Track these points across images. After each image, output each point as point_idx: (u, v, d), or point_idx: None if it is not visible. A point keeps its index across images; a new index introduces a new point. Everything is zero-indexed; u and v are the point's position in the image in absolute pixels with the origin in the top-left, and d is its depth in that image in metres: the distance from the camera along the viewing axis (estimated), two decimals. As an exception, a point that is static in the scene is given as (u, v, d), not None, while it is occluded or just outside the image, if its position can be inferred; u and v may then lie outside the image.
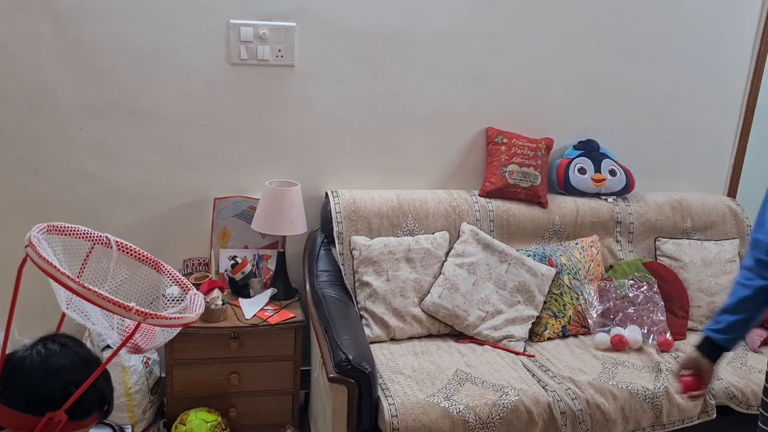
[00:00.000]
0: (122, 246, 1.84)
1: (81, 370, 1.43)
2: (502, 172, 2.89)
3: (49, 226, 1.63)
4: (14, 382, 1.39)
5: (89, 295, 1.38)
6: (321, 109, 2.81)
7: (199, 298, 1.79)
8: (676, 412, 2.34)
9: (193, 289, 1.85)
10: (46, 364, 1.41)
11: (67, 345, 1.46)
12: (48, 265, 1.39)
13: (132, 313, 1.40)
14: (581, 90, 3.03)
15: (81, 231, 1.75)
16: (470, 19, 2.83)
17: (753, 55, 3.17)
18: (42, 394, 1.38)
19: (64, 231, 1.70)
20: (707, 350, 1.82)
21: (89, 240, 1.77)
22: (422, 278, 2.65)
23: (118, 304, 1.39)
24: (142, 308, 1.41)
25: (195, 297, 1.79)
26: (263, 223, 2.65)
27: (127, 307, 1.39)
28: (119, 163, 2.71)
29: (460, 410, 2.15)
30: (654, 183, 3.20)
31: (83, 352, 1.48)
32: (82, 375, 1.42)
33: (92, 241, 1.77)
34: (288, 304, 2.70)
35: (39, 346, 1.43)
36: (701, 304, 2.88)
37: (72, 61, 2.57)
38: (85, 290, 1.37)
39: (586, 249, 2.86)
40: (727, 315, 1.77)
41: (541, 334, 2.68)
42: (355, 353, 2.17)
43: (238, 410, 2.64)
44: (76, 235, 1.74)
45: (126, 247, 1.85)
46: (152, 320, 1.44)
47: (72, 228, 1.72)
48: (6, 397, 1.38)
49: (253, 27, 2.65)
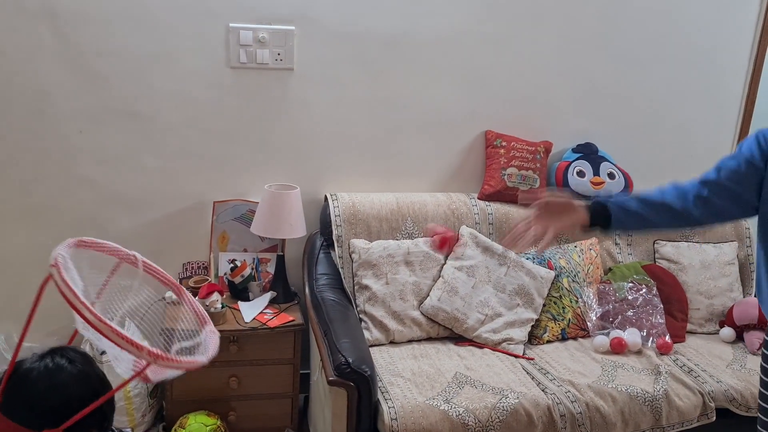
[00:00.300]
0: (148, 267, 1.81)
1: (84, 388, 1.43)
2: (500, 175, 2.89)
3: (78, 240, 1.60)
4: (18, 393, 1.39)
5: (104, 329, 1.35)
6: (320, 112, 2.81)
7: (215, 336, 1.75)
8: (675, 414, 2.34)
9: (209, 324, 1.81)
10: (51, 378, 1.40)
11: (75, 361, 1.45)
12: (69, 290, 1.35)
13: (143, 354, 1.37)
14: (579, 93, 3.04)
15: (110, 247, 1.73)
16: (469, 22, 2.84)
17: (750, 58, 3.18)
18: (42, 409, 1.38)
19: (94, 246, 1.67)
20: (595, 211, 1.73)
21: (117, 256, 1.75)
22: (421, 281, 2.65)
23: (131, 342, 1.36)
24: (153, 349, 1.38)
25: (210, 335, 1.75)
26: (262, 227, 2.65)
27: (139, 347, 1.36)
28: (119, 168, 2.71)
29: (460, 413, 2.14)
30: (653, 186, 3.17)
31: (89, 370, 1.47)
32: (85, 393, 1.41)
33: (120, 258, 1.75)
34: (287, 307, 2.70)
35: (47, 359, 1.43)
36: (700, 307, 2.89)
37: (71, 66, 2.57)
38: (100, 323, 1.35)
39: (585, 252, 2.86)
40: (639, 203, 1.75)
41: (540, 337, 2.68)
42: (354, 356, 2.17)
43: (238, 414, 2.64)
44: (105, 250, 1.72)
45: (152, 268, 1.82)
46: (162, 362, 1.41)
47: (102, 244, 1.70)
48: (7, 407, 1.37)
49: (253, 30, 2.66)
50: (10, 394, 1.38)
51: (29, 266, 2.68)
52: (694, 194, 1.75)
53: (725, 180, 1.74)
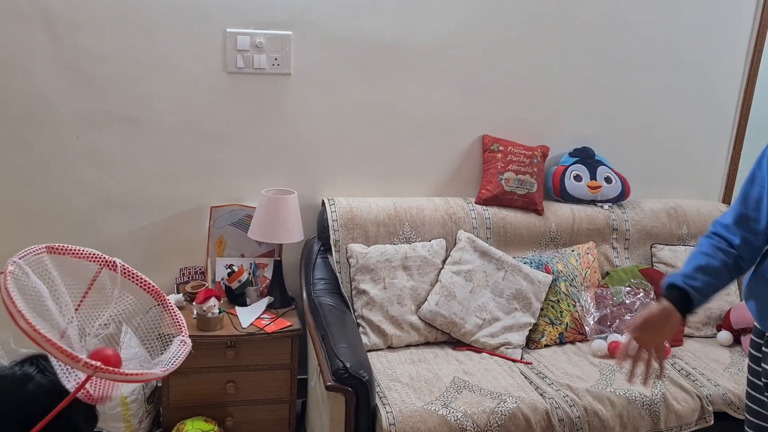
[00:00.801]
0: (127, 272, 1.78)
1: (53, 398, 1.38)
2: (498, 180, 2.89)
3: (48, 246, 1.56)
4: None
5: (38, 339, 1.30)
6: (317, 117, 2.81)
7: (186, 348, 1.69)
8: (673, 418, 2.34)
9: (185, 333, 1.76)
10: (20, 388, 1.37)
11: (45, 370, 1.42)
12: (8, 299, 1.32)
13: (80, 365, 1.31)
14: (576, 98, 3.05)
15: (87, 252, 1.70)
16: (466, 27, 2.85)
17: (746, 63, 3.19)
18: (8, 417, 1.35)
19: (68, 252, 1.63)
20: (681, 304, 1.63)
21: (97, 262, 1.72)
22: (419, 286, 2.65)
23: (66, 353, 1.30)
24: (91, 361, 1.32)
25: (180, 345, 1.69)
26: (260, 232, 2.65)
27: (75, 358, 1.30)
28: (115, 172, 2.71)
29: (458, 418, 2.14)
30: (649, 190, 3.22)
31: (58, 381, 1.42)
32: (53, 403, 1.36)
33: (100, 264, 1.72)
34: (284, 312, 2.69)
35: (16, 368, 1.40)
36: (697, 311, 2.88)
37: (68, 70, 2.57)
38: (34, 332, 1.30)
39: (583, 256, 2.87)
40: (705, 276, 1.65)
41: (538, 341, 2.67)
42: (352, 361, 2.16)
43: (235, 419, 2.63)
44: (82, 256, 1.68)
45: (131, 273, 1.79)
46: (103, 374, 1.34)
47: (77, 250, 1.66)
48: None
49: (250, 36, 2.66)
50: None
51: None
52: (736, 243, 1.70)
53: (753, 212, 1.69)
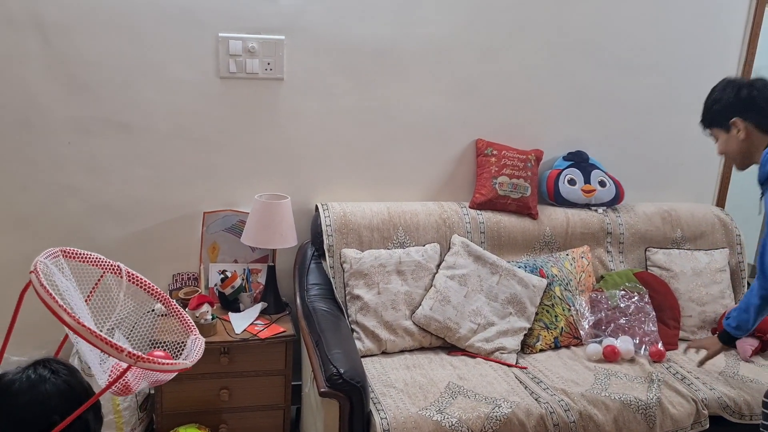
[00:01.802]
0: (132, 276, 1.82)
1: (67, 400, 1.40)
2: (492, 184, 2.89)
3: (62, 250, 1.62)
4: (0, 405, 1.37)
5: (82, 332, 1.36)
6: (310, 122, 2.80)
7: (200, 342, 1.77)
8: (669, 422, 2.33)
9: (195, 332, 1.83)
10: (33, 390, 1.38)
11: (58, 372, 1.43)
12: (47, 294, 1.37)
13: (123, 355, 1.38)
14: (570, 101, 3.05)
15: (93, 258, 1.75)
16: (458, 31, 2.84)
17: (739, 67, 3.20)
18: (24, 421, 1.36)
19: (78, 256, 1.69)
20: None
21: (100, 267, 1.76)
22: (413, 291, 2.64)
23: (110, 344, 1.37)
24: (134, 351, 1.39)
25: (196, 341, 1.77)
26: (253, 237, 2.64)
27: (119, 348, 1.37)
28: (108, 178, 2.70)
29: (453, 423, 2.13)
30: (643, 193, 3.22)
31: (73, 381, 1.45)
32: (68, 405, 1.39)
33: (103, 269, 1.76)
34: (278, 318, 2.68)
35: (30, 371, 1.41)
36: (692, 314, 2.89)
37: (60, 76, 2.56)
38: (79, 326, 1.35)
39: (577, 260, 2.86)
40: None
41: (533, 346, 2.67)
42: (346, 367, 2.15)
43: (229, 426, 2.61)
44: (89, 261, 1.74)
45: (136, 278, 1.84)
46: (143, 364, 1.42)
47: (85, 254, 1.72)
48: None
49: (242, 40, 2.65)
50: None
51: (16, 277, 2.64)
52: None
53: None
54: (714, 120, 2.25)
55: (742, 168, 2.22)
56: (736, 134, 2.17)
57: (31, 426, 1.35)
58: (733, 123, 2.17)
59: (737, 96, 2.17)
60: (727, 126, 2.19)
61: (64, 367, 1.45)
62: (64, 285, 1.61)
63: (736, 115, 2.16)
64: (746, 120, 2.14)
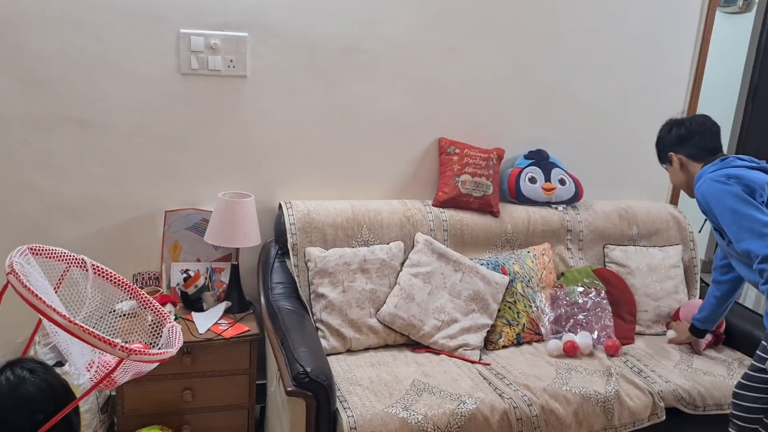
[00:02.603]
0: (98, 269, 1.81)
1: (50, 398, 1.40)
2: (454, 182, 2.92)
3: (30, 247, 1.60)
4: None
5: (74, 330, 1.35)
6: (274, 119, 2.79)
7: (177, 330, 1.77)
8: (627, 414, 2.40)
9: (170, 320, 1.83)
10: (14, 392, 1.37)
11: (36, 371, 1.42)
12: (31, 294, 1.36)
13: (116, 350, 1.38)
14: (531, 101, 3.10)
15: (58, 253, 1.74)
16: (422, 31, 2.86)
17: (692, 69, 3.30)
18: (9, 423, 1.34)
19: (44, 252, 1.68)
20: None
21: (65, 261, 1.74)
22: (378, 289, 2.65)
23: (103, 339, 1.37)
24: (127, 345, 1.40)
25: (173, 330, 1.78)
26: (216, 236, 2.61)
27: (112, 343, 1.37)
28: (66, 176, 2.64)
29: (419, 420, 2.15)
30: (601, 191, 3.29)
31: (52, 380, 1.44)
32: (50, 403, 1.39)
33: (68, 263, 1.74)
34: (242, 317, 2.66)
35: (8, 373, 1.40)
36: (648, 309, 2.97)
37: (14, 70, 2.49)
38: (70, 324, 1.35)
39: (538, 257, 2.91)
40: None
41: (496, 342, 2.71)
42: (312, 366, 2.16)
43: (192, 426, 2.58)
44: (54, 256, 1.73)
45: (102, 270, 1.83)
46: (136, 356, 1.43)
47: (51, 250, 1.70)
48: None
49: (204, 37, 2.62)
50: None
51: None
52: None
53: None
54: (660, 156, 2.58)
55: (691, 195, 2.47)
56: (675, 166, 2.49)
57: (17, 428, 1.33)
58: (670, 157, 2.50)
59: (670, 133, 2.51)
60: (669, 160, 2.52)
61: (40, 366, 1.45)
62: (40, 283, 1.59)
63: (671, 150, 2.50)
64: (678, 153, 2.47)
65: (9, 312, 2.65)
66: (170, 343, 1.76)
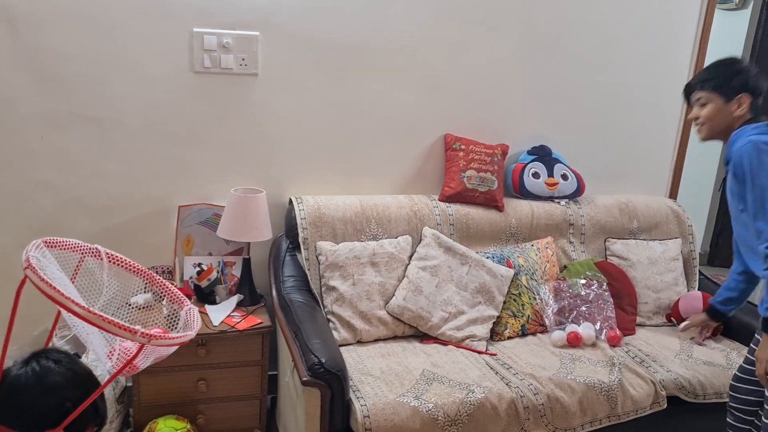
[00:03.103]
0: (112, 257, 1.84)
1: (76, 386, 1.45)
2: (460, 178, 2.98)
3: (44, 240, 1.63)
4: (10, 401, 1.40)
5: (94, 319, 1.39)
6: (284, 116, 2.85)
7: (194, 312, 1.81)
8: (629, 403, 2.48)
9: (187, 303, 1.86)
10: (41, 382, 1.42)
11: (61, 361, 1.47)
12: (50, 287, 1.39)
13: (137, 336, 1.42)
14: (534, 98, 3.16)
15: (72, 244, 1.77)
16: (428, 28, 2.92)
17: (691, 65, 3.37)
18: (38, 413, 1.39)
19: (58, 245, 1.70)
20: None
21: (79, 252, 1.77)
22: (387, 281, 2.72)
23: (123, 327, 1.41)
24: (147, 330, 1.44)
25: (191, 312, 1.82)
26: (229, 230, 2.67)
27: (132, 330, 1.41)
28: (81, 173, 2.69)
29: (430, 409, 2.22)
30: (602, 186, 3.36)
31: (77, 368, 1.49)
32: (77, 391, 1.44)
33: (82, 253, 1.78)
34: (254, 309, 2.73)
35: (33, 364, 1.44)
36: (648, 301, 3.05)
37: (31, 69, 2.54)
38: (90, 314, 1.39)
39: (542, 250, 2.99)
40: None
41: (501, 333, 2.78)
42: (326, 356, 2.22)
43: (206, 416, 2.65)
44: (68, 248, 1.75)
45: (116, 258, 1.85)
46: (157, 341, 1.47)
47: (64, 241, 1.73)
48: (2, 416, 1.38)
49: (217, 36, 2.67)
50: (2, 404, 1.39)
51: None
52: None
53: None
54: (722, 88, 2.22)
55: (708, 138, 2.29)
56: (734, 109, 2.21)
57: (45, 418, 1.38)
58: (739, 98, 2.20)
59: (758, 77, 2.22)
60: (731, 98, 2.21)
61: (64, 355, 1.50)
62: (57, 275, 1.63)
63: (749, 93, 2.20)
64: (752, 102, 2.20)
65: (23, 305, 2.71)
66: (188, 326, 1.79)
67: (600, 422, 2.45)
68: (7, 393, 1.41)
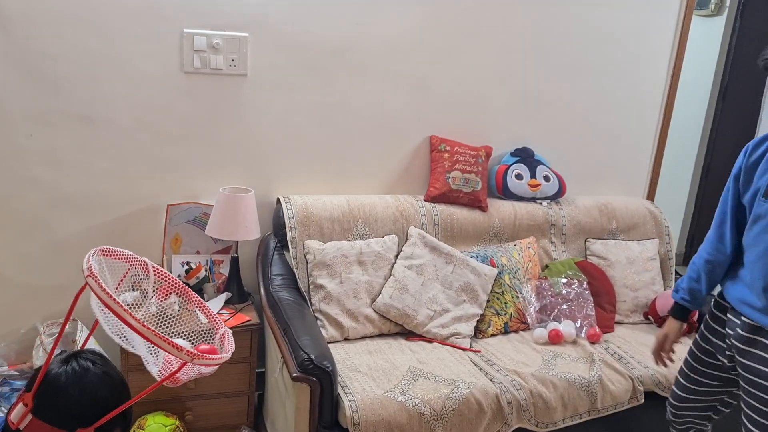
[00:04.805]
0: (158, 272, 1.91)
1: (110, 389, 1.51)
2: (445, 178, 3.05)
3: (101, 249, 1.68)
4: (49, 397, 1.44)
5: (147, 334, 1.45)
6: (273, 117, 2.88)
7: (229, 335, 1.87)
8: (609, 398, 2.56)
9: (222, 324, 1.94)
10: (80, 382, 1.47)
11: (97, 363, 1.52)
12: (110, 298, 1.44)
13: (182, 354, 1.48)
14: (517, 101, 3.23)
15: (125, 255, 1.81)
16: (415, 32, 2.98)
17: (669, 71, 3.46)
18: (74, 411, 1.44)
19: (113, 254, 1.76)
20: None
21: (128, 262, 1.82)
22: (374, 280, 2.77)
23: (171, 343, 1.47)
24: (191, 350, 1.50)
25: (226, 335, 1.88)
26: (218, 229, 2.70)
27: (179, 347, 1.47)
28: (70, 171, 2.70)
29: (416, 404, 2.28)
30: (583, 187, 3.45)
31: (111, 372, 1.55)
32: (110, 394, 1.49)
33: (131, 264, 1.83)
34: (242, 307, 2.76)
35: (73, 363, 1.49)
36: (626, 299, 3.14)
37: (21, 67, 2.55)
38: (143, 328, 1.45)
39: (524, 250, 3.06)
40: None
41: (485, 331, 2.85)
42: (316, 353, 2.27)
43: (195, 413, 2.68)
44: (121, 258, 1.80)
45: (162, 273, 1.92)
46: (199, 360, 1.53)
47: (118, 252, 1.79)
48: (40, 411, 1.43)
49: (207, 36, 2.70)
50: (41, 399, 1.44)
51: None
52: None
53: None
54: None
55: None
56: None
57: (80, 416, 1.43)
58: None
59: None
60: None
61: (99, 358, 1.54)
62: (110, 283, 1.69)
63: None
64: None
65: (11, 303, 2.73)
66: (224, 348, 1.86)
67: (581, 417, 2.53)
68: (47, 390, 1.45)
